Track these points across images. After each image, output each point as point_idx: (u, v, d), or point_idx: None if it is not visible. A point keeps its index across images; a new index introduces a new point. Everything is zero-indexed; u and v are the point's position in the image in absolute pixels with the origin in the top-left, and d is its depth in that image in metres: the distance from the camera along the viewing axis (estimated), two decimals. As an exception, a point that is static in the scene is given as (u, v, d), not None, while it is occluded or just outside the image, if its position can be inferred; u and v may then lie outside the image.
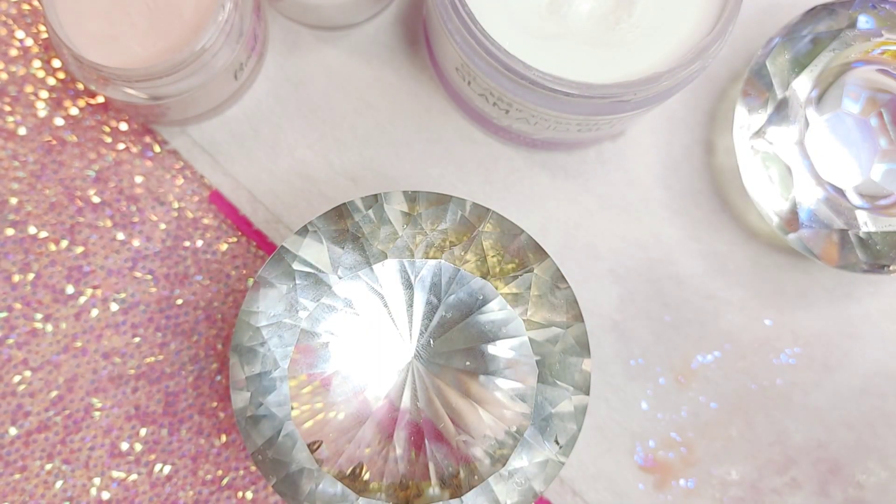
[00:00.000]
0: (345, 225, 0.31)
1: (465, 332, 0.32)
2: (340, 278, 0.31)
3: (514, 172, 0.41)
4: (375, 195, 0.31)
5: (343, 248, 0.31)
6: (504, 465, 0.31)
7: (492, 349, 0.32)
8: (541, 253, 0.32)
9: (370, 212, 0.32)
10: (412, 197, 0.32)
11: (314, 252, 0.31)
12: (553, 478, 0.31)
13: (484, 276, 0.32)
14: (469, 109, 0.39)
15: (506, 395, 0.31)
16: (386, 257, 0.31)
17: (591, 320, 0.41)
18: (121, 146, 0.41)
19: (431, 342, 0.32)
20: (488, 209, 0.32)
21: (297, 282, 0.31)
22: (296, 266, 0.31)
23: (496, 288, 0.32)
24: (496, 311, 0.32)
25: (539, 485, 0.31)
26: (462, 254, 0.32)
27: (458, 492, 0.31)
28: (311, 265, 0.31)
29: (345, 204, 0.31)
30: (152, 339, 0.40)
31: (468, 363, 0.32)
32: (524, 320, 0.32)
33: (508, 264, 0.32)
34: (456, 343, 0.32)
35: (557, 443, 0.31)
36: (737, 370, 0.41)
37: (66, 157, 0.41)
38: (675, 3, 0.34)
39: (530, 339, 0.31)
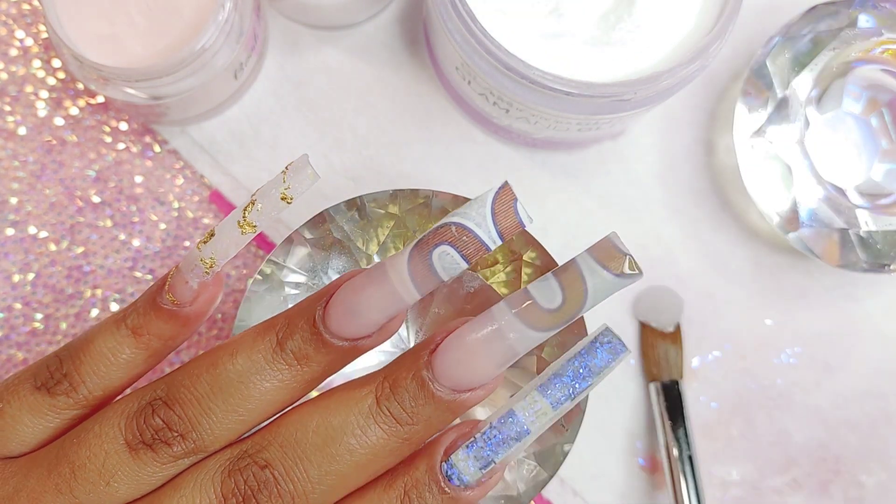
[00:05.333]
0: (328, 230, 0.31)
1: None
2: None
3: (514, 172, 0.41)
4: (356, 198, 0.31)
5: (329, 253, 0.31)
6: None
7: None
8: (528, 238, 0.31)
9: (352, 215, 0.31)
10: (393, 196, 0.31)
11: (302, 260, 0.31)
12: (560, 464, 0.30)
13: (473, 268, 0.31)
14: (469, 109, 0.39)
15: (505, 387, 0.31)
16: (372, 259, 0.31)
17: (591, 320, 0.40)
18: (121, 146, 0.41)
19: None
20: (468, 199, 0.31)
21: (288, 291, 0.31)
22: (284, 276, 0.31)
23: (486, 278, 0.31)
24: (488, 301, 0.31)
25: (549, 469, 0.31)
26: None
27: None
28: (299, 273, 0.31)
29: (327, 210, 0.31)
30: (152, 339, 0.40)
31: None
32: None
33: (496, 253, 0.31)
34: None
35: (563, 426, 0.31)
36: (737, 370, 0.41)
37: (66, 157, 0.41)
38: (675, 2, 0.34)
39: None
